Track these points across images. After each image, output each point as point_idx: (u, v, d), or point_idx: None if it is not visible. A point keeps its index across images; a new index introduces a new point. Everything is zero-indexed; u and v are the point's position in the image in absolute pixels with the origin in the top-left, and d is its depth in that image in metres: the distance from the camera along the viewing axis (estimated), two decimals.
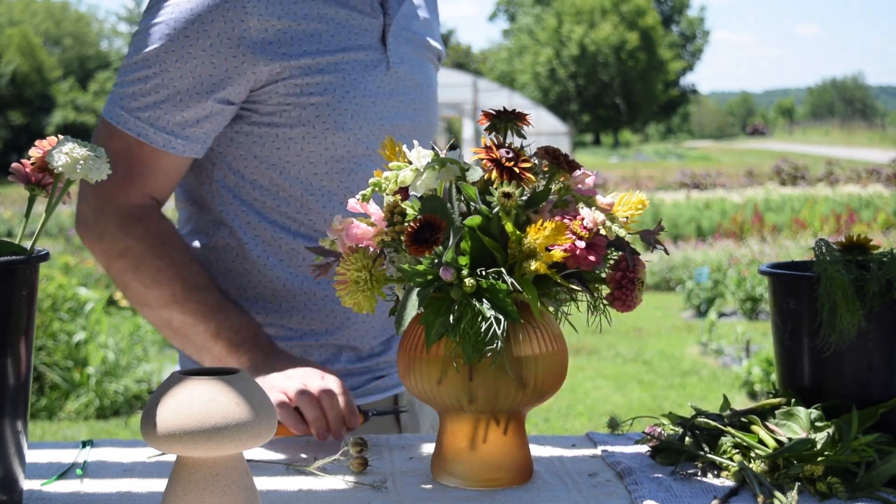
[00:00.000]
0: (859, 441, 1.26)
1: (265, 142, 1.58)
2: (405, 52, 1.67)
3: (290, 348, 1.66)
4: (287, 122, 1.57)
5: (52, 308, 6.38)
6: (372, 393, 1.71)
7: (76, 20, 60.26)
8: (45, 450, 1.42)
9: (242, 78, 1.53)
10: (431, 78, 1.75)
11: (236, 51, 1.51)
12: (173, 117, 1.53)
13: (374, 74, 1.61)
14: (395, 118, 1.64)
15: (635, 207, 1.23)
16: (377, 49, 1.63)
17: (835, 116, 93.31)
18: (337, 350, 1.68)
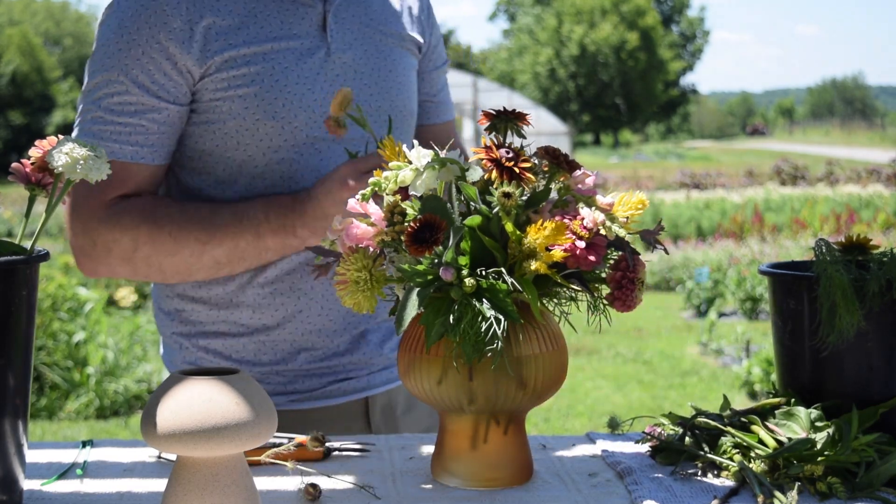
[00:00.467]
0: (859, 441, 1.26)
1: (205, 138, 1.61)
2: (353, 39, 1.66)
3: (243, 346, 1.66)
4: (220, 118, 1.59)
5: (52, 308, 6.39)
6: (334, 396, 1.68)
7: (76, 20, 60.25)
8: (45, 450, 1.42)
9: (181, 78, 1.57)
10: (394, 64, 1.70)
11: (166, 52, 1.55)
12: (129, 128, 1.57)
13: (310, 62, 1.61)
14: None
15: (635, 207, 1.23)
16: (315, 36, 1.63)
17: (835, 116, 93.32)
18: (292, 349, 1.66)
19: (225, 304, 1.66)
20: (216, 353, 1.68)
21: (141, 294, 9.68)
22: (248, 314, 1.65)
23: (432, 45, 1.83)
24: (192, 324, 1.69)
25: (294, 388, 1.68)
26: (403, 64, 1.73)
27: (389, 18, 1.73)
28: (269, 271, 1.63)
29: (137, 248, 1.57)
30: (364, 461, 1.38)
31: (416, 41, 1.77)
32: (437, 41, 1.84)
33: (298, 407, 1.67)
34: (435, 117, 1.87)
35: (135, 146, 1.57)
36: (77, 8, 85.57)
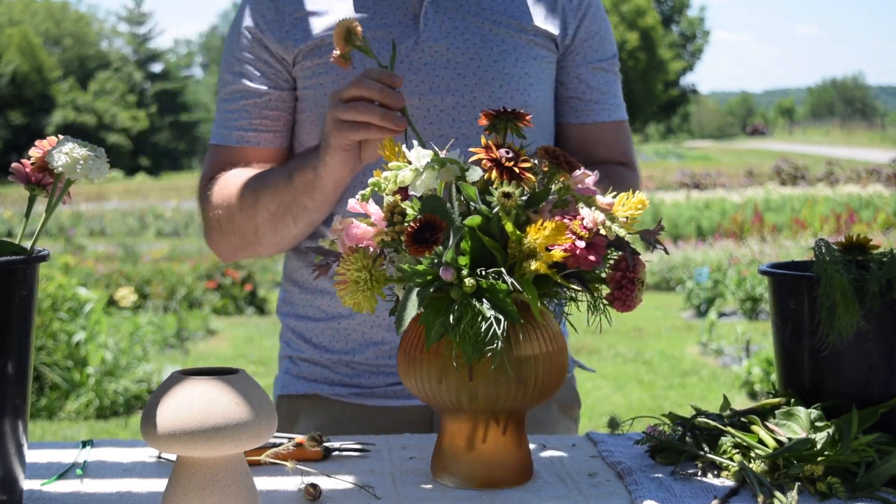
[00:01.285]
0: (859, 441, 1.26)
1: (300, 128, 1.69)
2: (453, 27, 1.63)
3: (321, 331, 1.71)
4: (307, 107, 1.66)
5: (52, 308, 6.38)
6: (397, 397, 1.68)
7: (76, 20, 60.25)
8: (45, 450, 1.42)
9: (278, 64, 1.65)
10: (503, 54, 1.64)
11: (261, 41, 1.66)
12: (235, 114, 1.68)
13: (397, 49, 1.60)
14: (423, 94, 1.61)
15: (635, 207, 1.23)
16: (406, 24, 1.62)
17: (835, 116, 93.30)
18: (363, 341, 1.68)
19: (311, 288, 1.71)
20: (299, 335, 1.75)
21: (141, 294, 9.69)
22: (326, 300, 1.69)
23: (581, 38, 1.72)
24: (290, 304, 1.77)
25: (358, 382, 1.69)
26: (518, 55, 1.65)
27: (509, 8, 1.66)
28: None
29: (219, 214, 1.65)
30: (364, 461, 1.38)
31: (548, 33, 1.68)
32: (591, 35, 1.72)
33: (360, 402, 1.68)
34: (584, 116, 1.74)
35: (239, 130, 1.68)
36: (77, 8, 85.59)
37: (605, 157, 1.74)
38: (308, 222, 1.61)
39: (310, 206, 1.58)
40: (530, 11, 1.68)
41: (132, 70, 57.46)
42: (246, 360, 7.62)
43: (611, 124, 1.75)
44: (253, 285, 10.25)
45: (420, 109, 1.61)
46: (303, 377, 1.74)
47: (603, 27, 1.75)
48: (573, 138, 1.74)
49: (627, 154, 1.78)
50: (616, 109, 1.76)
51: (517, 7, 1.67)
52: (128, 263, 11.36)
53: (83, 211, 20.06)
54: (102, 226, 18.56)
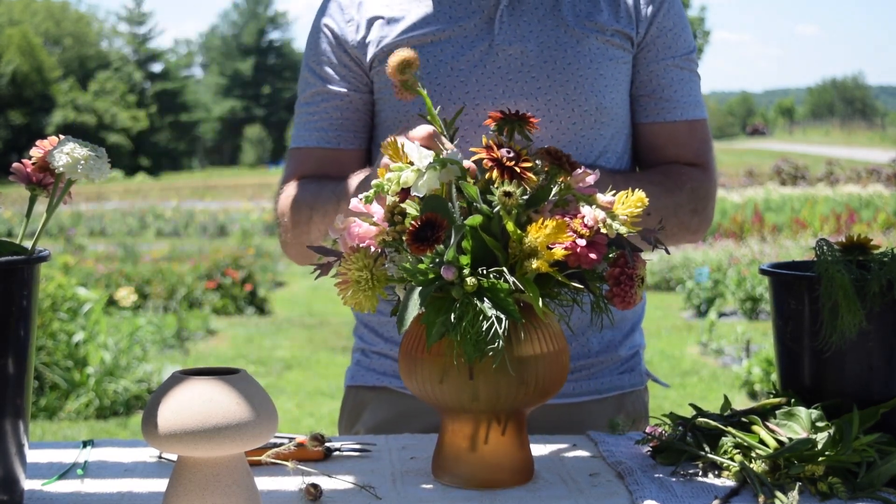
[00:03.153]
0: (860, 441, 1.26)
1: (376, 133, 1.70)
2: (528, 31, 1.61)
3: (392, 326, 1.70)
4: (382, 110, 1.68)
5: (52, 308, 6.39)
6: None
7: (76, 20, 60.25)
8: (45, 450, 1.42)
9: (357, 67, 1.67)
10: (578, 56, 1.61)
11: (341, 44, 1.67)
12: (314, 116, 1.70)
13: (468, 54, 1.59)
14: (497, 97, 1.59)
15: (634, 205, 1.23)
16: (481, 27, 1.61)
17: (835, 116, 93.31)
18: None
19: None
20: (371, 329, 1.76)
21: (141, 294, 9.69)
22: None
23: (654, 34, 1.67)
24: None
25: None
26: (594, 56, 1.62)
27: (585, 8, 1.64)
28: None
29: (283, 223, 1.67)
30: (365, 461, 1.38)
31: (625, 33, 1.65)
32: (663, 32, 1.67)
33: None
34: (655, 115, 1.68)
35: (320, 131, 1.69)
36: (77, 8, 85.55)
37: (675, 157, 1.69)
38: None
39: None
40: (607, 10, 1.65)
41: (132, 70, 57.48)
42: (246, 360, 7.62)
43: (682, 124, 1.69)
44: (253, 285, 10.26)
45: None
46: (373, 369, 1.75)
47: (678, 23, 1.70)
48: (644, 137, 1.70)
49: (701, 155, 1.71)
50: (689, 108, 1.70)
51: (593, 6, 1.64)
52: (128, 263, 11.36)
53: (83, 211, 20.07)
54: (102, 226, 18.56)
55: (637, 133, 1.72)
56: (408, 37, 1.62)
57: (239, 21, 73.25)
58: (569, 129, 1.60)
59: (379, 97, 1.67)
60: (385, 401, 1.72)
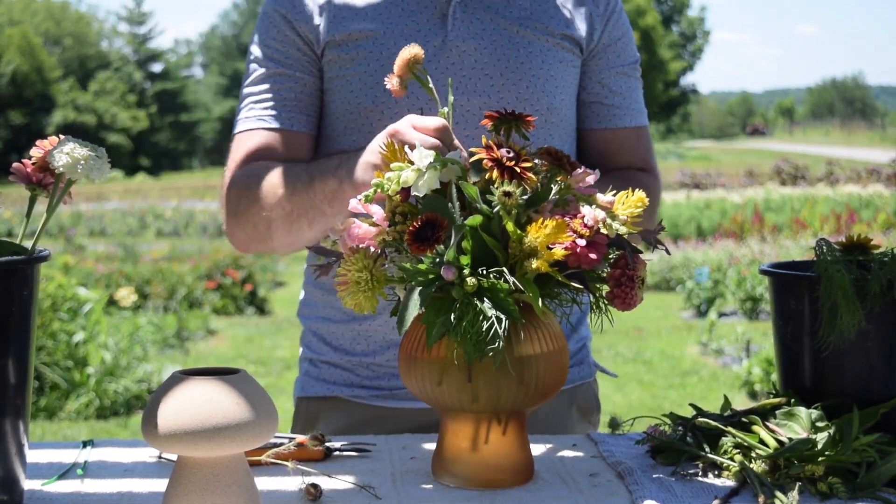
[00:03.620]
0: (860, 441, 1.26)
1: (324, 123, 1.68)
2: (481, 28, 1.62)
3: (341, 333, 1.71)
4: (332, 100, 1.65)
5: (52, 308, 6.38)
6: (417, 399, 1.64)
7: (76, 20, 60.26)
8: (45, 450, 1.42)
9: (309, 50, 1.64)
10: (530, 56, 1.63)
11: (292, 28, 1.65)
12: (264, 98, 1.65)
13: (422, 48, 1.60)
14: (448, 94, 1.61)
15: (634, 205, 1.23)
16: (434, 23, 1.62)
17: (835, 116, 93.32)
18: (383, 343, 1.68)
19: (332, 290, 1.68)
20: (321, 338, 1.74)
21: (141, 294, 9.69)
22: None
23: (605, 43, 1.71)
24: (310, 306, 1.77)
25: (379, 384, 1.69)
26: (545, 58, 1.65)
27: (536, 11, 1.66)
28: None
29: (239, 202, 1.61)
30: (365, 461, 1.38)
31: (574, 39, 1.68)
32: (615, 40, 1.72)
33: (380, 404, 1.68)
34: (606, 121, 1.72)
35: (272, 112, 1.64)
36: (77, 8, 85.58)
37: (626, 163, 1.74)
38: (324, 227, 1.56)
39: (328, 212, 1.53)
40: (557, 14, 1.67)
41: (132, 70, 57.47)
42: (246, 360, 7.62)
43: (632, 130, 1.74)
44: (253, 285, 10.25)
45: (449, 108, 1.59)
46: (323, 379, 1.74)
47: (626, 32, 1.74)
48: (594, 143, 1.73)
49: (648, 160, 1.76)
50: (637, 115, 1.74)
51: (544, 10, 1.67)
52: (128, 263, 11.36)
53: (83, 211, 20.07)
54: (102, 226, 18.56)
55: (587, 139, 1.74)
56: (361, 27, 1.61)
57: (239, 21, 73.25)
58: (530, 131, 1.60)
59: (329, 87, 1.65)
60: (338, 410, 1.72)
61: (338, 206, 1.50)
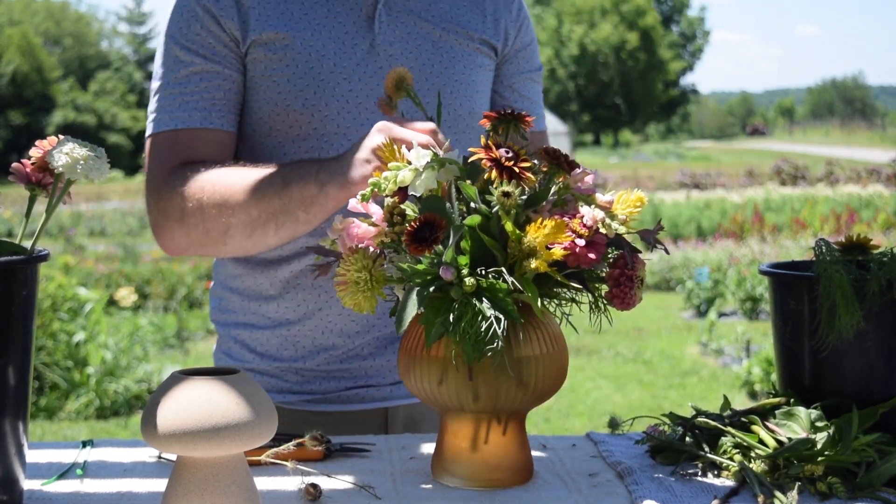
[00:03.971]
0: (859, 441, 1.26)
1: (245, 122, 1.62)
2: (406, 32, 1.63)
3: (267, 339, 1.67)
4: (256, 101, 1.60)
5: (52, 308, 6.39)
6: (351, 401, 1.66)
7: (76, 20, 60.28)
8: (45, 450, 1.42)
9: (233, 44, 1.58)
10: (453, 61, 1.65)
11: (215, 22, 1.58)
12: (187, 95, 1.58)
13: (350, 52, 1.59)
14: (379, 97, 1.57)
15: (633, 205, 1.23)
16: (361, 26, 1.61)
17: (835, 116, 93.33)
18: (313, 347, 1.65)
19: (254, 295, 1.67)
20: (243, 345, 1.70)
21: (141, 294, 9.69)
22: (273, 307, 1.65)
23: (516, 49, 1.75)
24: (228, 313, 1.72)
25: (310, 389, 1.66)
26: (466, 62, 1.67)
27: (455, 15, 1.68)
28: (294, 265, 1.63)
29: (185, 205, 1.53)
30: (364, 461, 1.39)
31: (490, 43, 1.71)
32: (524, 46, 1.76)
33: (313, 408, 1.65)
34: None
35: (202, 111, 1.57)
36: (77, 8, 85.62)
37: None
38: (291, 234, 1.51)
39: (301, 218, 1.48)
40: (475, 19, 1.70)
41: (132, 70, 57.49)
42: None
43: (538, 134, 1.77)
44: None
45: (376, 113, 1.58)
46: None
47: (534, 39, 1.80)
48: None
49: None
50: (542, 120, 1.79)
51: (462, 15, 1.69)
52: (128, 263, 11.37)
53: (83, 211, 20.07)
54: (102, 226, 18.56)
55: None
56: (288, 27, 1.58)
57: None
58: (445, 133, 1.59)
59: (252, 86, 1.60)
60: None
61: (314, 211, 1.46)
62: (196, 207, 1.52)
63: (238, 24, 1.58)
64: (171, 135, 1.58)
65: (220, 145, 1.60)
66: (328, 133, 1.58)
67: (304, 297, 1.64)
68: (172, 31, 1.60)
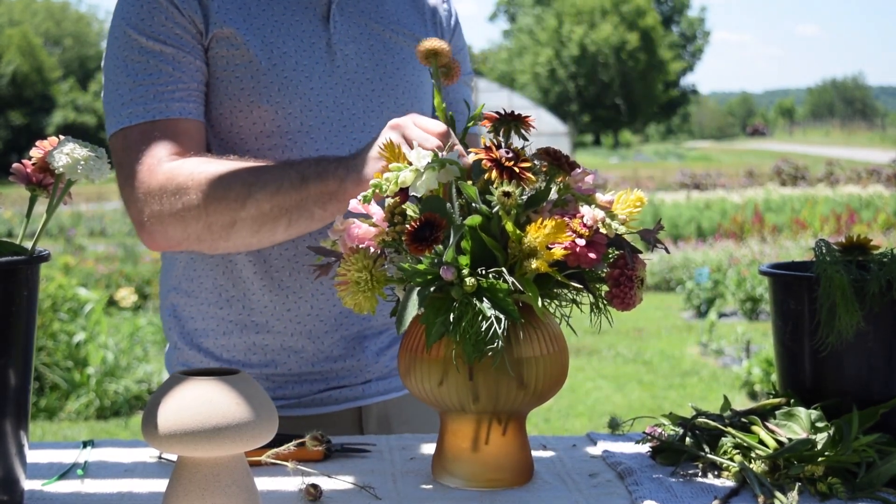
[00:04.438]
0: (860, 441, 1.26)
1: (209, 116, 1.60)
2: (358, 33, 1.65)
3: (233, 345, 1.64)
4: (217, 97, 1.59)
5: (53, 308, 6.39)
6: (325, 403, 1.65)
7: (76, 20, 60.29)
8: (45, 450, 1.42)
9: (197, 34, 1.56)
10: (403, 63, 1.67)
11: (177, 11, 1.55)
12: (161, 85, 1.54)
13: (310, 50, 1.60)
14: (337, 96, 1.60)
15: (633, 205, 1.23)
16: (317, 25, 1.62)
17: (835, 117, 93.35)
18: (282, 351, 1.63)
19: (215, 298, 1.64)
20: (207, 353, 1.66)
21: (141, 294, 9.69)
22: (237, 310, 1.63)
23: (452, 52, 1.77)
24: (186, 320, 1.67)
25: (283, 394, 1.64)
26: (415, 64, 1.68)
27: (402, 17, 1.71)
28: (259, 266, 1.61)
29: (184, 198, 1.47)
30: (365, 461, 1.39)
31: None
32: (458, 50, 1.75)
33: (287, 413, 1.62)
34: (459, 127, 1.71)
35: (179, 102, 1.54)
36: (77, 8, 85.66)
37: None
38: (302, 230, 1.49)
39: (317, 215, 1.45)
40: (419, 22, 1.73)
41: None
42: None
43: (473, 136, 1.78)
44: None
45: (335, 112, 1.59)
46: None
47: (465, 46, 1.83)
48: None
49: None
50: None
51: (408, 17, 1.71)
52: (128, 264, 11.36)
53: (83, 211, 20.07)
54: (102, 226, 18.55)
55: None
56: (248, 24, 1.57)
57: None
58: None
59: (213, 80, 1.58)
60: None
61: (331, 208, 1.44)
62: (197, 200, 1.47)
63: (200, 16, 1.56)
64: (148, 126, 1.53)
65: (200, 136, 1.57)
66: (291, 130, 1.58)
67: (271, 298, 1.61)
68: (133, 22, 1.55)
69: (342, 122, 1.60)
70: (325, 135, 1.60)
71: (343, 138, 1.60)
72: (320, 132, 1.59)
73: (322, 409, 1.65)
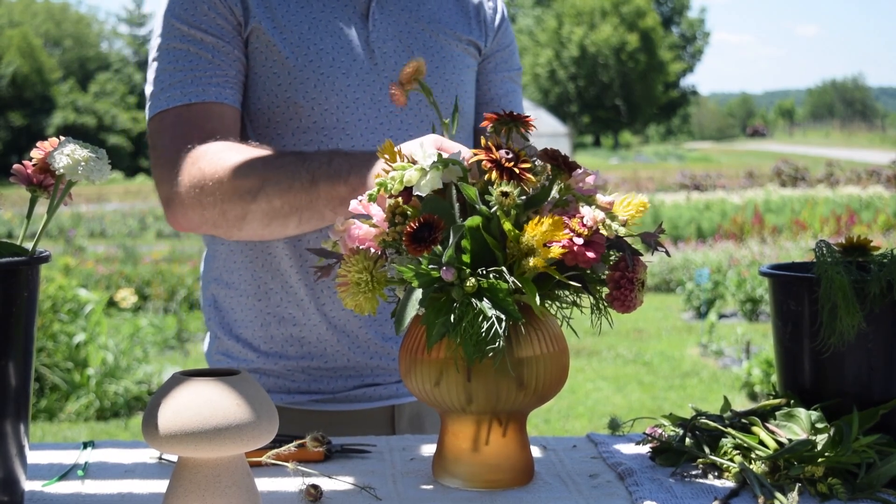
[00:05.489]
0: (860, 442, 1.26)
1: (248, 111, 1.61)
2: (398, 31, 1.65)
3: (271, 337, 1.64)
4: (255, 92, 1.60)
5: (53, 309, 6.39)
6: (359, 400, 1.66)
7: (76, 21, 60.31)
8: (45, 451, 1.42)
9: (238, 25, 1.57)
10: (442, 60, 1.67)
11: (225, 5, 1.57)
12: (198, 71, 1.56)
13: (347, 47, 1.60)
14: (375, 94, 1.61)
15: (637, 209, 1.23)
16: (356, 23, 1.62)
17: (835, 118, 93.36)
18: (316, 343, 1.64)
19: (253, 290, 1.65)
20: (246, 344, 1.67)
21: (141, 295, 9.69)
22: (275, 302, 1.64)
23: (495, 48, 1.77)
24: (226, 311, 1.69)
25: (318, 388, 1.66)
26: (454, 62, 1.69)
27: (443, 15, 1.70)
28: (296, 259, 1.62)
29: (204, 183, 1.48)
30: (365, 462, 1.39)
31: (475, 43, 1.73)
32: (503, 47, 1.78)
33: (321, 408, 1.64)
34: None
35: (216, 87, 1.56)
36: (77, 9, 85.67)
37: None
38: (314, 227, 1.48)
39: (328, 217, 1.44)
40: (462, 19, 1.72)
41: (132, 71, 57.48)
42: None
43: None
44: None
45: (372, 109, 1.60)
46: None
47: (513, 41, 1.82)
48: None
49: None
50: None
51: (450, 16, 1.71)
52: (128, 265, 11.37)
53: (83, 212, 20.08)
54: (103, 227, 18.56)
55: (476, 140, 1.75)
56: (287, 19, 1.58)
57: None
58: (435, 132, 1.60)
59: (251, 74, 1.60)
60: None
61: (342, 211, 1.41)
62: (214, 187, 1.47)
63: (241, 8, 1.58)
64: (184, 109, 1.55)
65: (234, 121, 1.58)
66: (328, 127, 1.58)
67: (308, 293, 1.63)
68: (177, 12, 1.58)
69: (379, 119, 1.61)
70: (361, 132, 1.60)
71: (380, 136, 1.60)
72: (357, 129, 1.59)
73: (356, 405, 1.65)
